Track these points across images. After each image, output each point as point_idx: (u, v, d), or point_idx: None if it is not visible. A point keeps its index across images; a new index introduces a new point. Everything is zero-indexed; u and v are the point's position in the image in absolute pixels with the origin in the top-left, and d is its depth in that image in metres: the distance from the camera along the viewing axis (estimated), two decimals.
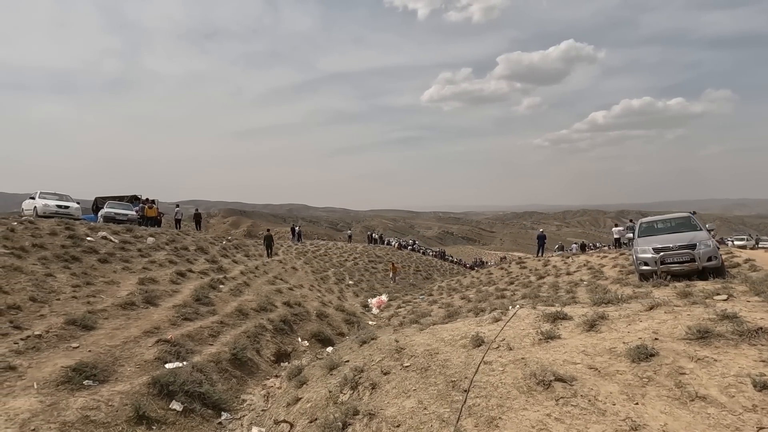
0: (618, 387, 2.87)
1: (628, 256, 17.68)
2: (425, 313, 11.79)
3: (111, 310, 7.36)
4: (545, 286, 13.44)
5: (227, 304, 10.12)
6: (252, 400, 5.93)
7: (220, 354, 6.61)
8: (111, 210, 18.26)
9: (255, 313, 9.88)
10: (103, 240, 12.52)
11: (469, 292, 16.46)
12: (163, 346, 6.19)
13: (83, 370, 4.91)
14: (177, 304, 8.64)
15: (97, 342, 5.97)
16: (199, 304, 9.10)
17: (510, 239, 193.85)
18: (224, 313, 9.05)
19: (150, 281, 10.04)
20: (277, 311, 10.58)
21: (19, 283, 7.31)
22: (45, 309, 6.70)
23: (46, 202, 15.63)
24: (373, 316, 14.15)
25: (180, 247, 15.02)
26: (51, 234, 11.32)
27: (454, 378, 3.58)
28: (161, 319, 7.51)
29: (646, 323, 3.96)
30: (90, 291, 8.12)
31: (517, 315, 5.29)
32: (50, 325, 6.08)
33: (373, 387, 3.85)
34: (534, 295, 11.12)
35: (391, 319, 12.99)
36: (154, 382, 5.00)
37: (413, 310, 13.51)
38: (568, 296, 9.94)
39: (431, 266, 44.98)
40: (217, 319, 8.41)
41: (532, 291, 12.47)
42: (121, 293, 8.57)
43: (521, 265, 22.73)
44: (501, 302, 11.73)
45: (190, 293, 10.01)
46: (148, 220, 20.26)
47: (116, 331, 6.54)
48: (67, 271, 9.03)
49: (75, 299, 7.50)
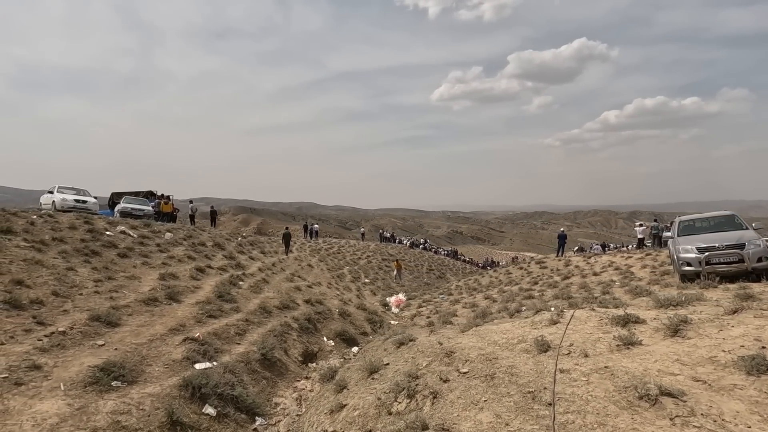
0: (744, 405, 2.46)
1: (656, 257, 17.10)
2: (450, 313, 11.38)
3: (134, 306, 7.07)
4: (574, 287, 12.95)
5: (249, 301, 9.82)
6: (285, 404, 5.58)
7: (248, 354, 6.27)
8: (127, 205, 18.12)
9: (278, 311, 9.56)
10: (122, 235, 12.30)
11: (491, 292, 16.01)
12: (190, 345, 5.86)
13: (111, 369, 4.59)
14: (200, 301, 8.34)
15: (123, 339, 5.67)
16: (222, 301, 8.79)
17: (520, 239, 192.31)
18: (248, 311, 8.73)
19: (171, 277, 9.77)
20: (299, 309, 10.25)
21: (40, 277, 7.05)
22: (68, 304, 6.42)
23: (64, 197, 15.48)
24: (393, 315, 13.78)
25: (197, 243, 14.79)
26: (70, 228, 11.10)
27: (529, 388, 3.18)
28: (186, 316, 7.20)
29: (741, 329, 3.52)
30: (112, 286, 7.84)
31: (576, 317, 4.87)
32: (74, 321, 5.79)
33: (434, 396, 3.46)
34: (566, 296, 10.66)
35: (414, 318, 12.60)
36: (186, 384, 4.66)
37: (436, 309, 13.10)
38: (605, 297, 9.46)
39: (444, 265, 44.52)
40: (242, 316, 8.09)
41: (561, 291, 11.99)
42: (143, 288, 8.28)
43: (541, 265, 22.19)
44: (531, 302, 11.27)
45: (211, 289, 9.72)
46: (164, 216, 20.11)
47: (141, 328, 6.23)
48: (88, 265, 8.78)
49: (97, 294, 7.22)
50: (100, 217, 14.09)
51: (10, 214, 10.78)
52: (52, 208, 14.81)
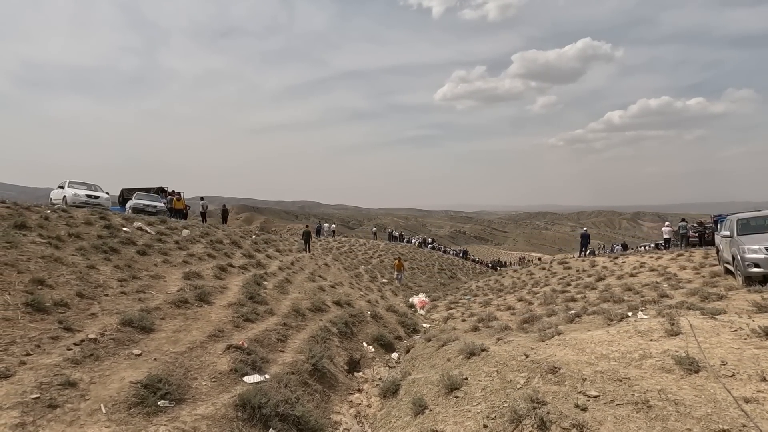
0: None
1: (690, 257, 16.37)
2: (489, 316, 10.67)
3: (165, 309, 6.38)
4: (616, 288, 12.22)
5: (280, 302, 9.14)
6: (345, 423, 4.89)
7: (297, 364, 5.58)
8: (140, 201, 17.47)
9: (311, 313, 8.87)
10: (139, 231, 11.63)
11: (521, 293, 15.30)
12: (235, 354, 5.17)
13: (155, 386, 3.91)
14: (232, 303, 7.66)
15: (160, 348, 4.98)
16: (254, 303, 8.10)
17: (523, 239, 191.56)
18: (282, 313, 8.04)
19: (195, 276, 9.09)
20: (331, 312, 9.56)
21: (62, 276, 6.37)
22: (95, 306, 5.73)
23: (76, 192, 14.83)
24: (423, 318, 13.08)
25: (215, 241, 14.12)
26: (86, 223, 10.43)
27: (718, 425, 2.47)
28: (221, 320, 6.51)
29: None
30: (138, 286, 7.15)
31: (697, 327, 4.16)
32: (104, 327, 5.10)
33: (579, 430, 2.76)
34: (617, 299, 9.94)
35: (448, 321, 11.90)
36: (243, 404, 3.98)
37: (470, 312, 12.39)
38: (671, 301, 8.76)
39: (454, 265, 43.84)
40: (278, 320, 7.40)
41: (604, 294, 11.27)
42: (170, 289, 7.60)
43: (565, 266, 21.50)
44: (571, 305, 10.57)
45: (239, 290, 9.05)
46: (176, 213, 19.47)
47: (177, 334, 5.55)
48: (109, 263, 8.10)
49: (124, 295, 6.54)
50: (114, 213, 13.43)
51: (23, 209, 10.12)
52: (64, 204, 14.15)
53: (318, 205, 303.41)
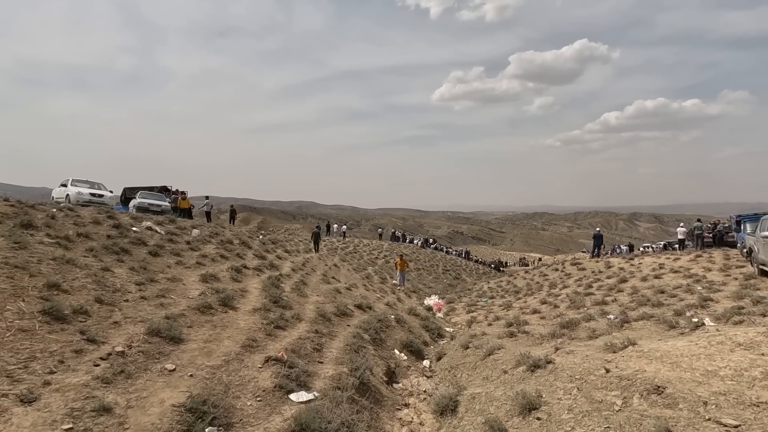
0: None
1: (710, 258, 15.98)
2: (518, 320, 10.18)
3: (190, 315, 5.85)
4: (645, 291, 11.77)
5: (303, 306, 8.62)
6: None
7: (341, 377, 5.06)
8: (144, 200, 16.87)
9: (337, 318, 8.35)
10: (149, 231, 11.07)
11: (540, 295, 14.84)
12: (276, 367, 4.66)
13: (200, 409, 3.39)
14: (257, 307, 7.13)
15: (194, 361, 4.45)
16: (278, 307, 7.58)
17: (521, 240, 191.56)
18: (309, 319, 7.52)
19: (212, 278, 8.55)
20: (356, 316, 9.05)
21: (77, 280, 5.82)
22: (116, 314, 5.19)
23: (80, 190, 14.24)
24: (443, 321, 12.59)
25: (225, 241, 13.57)
26: (94, 223, 9.87)
27: None
28: (251, 327, 5.99)
29: None
30: (157, 290, 6.61)
31: None
32: (130, 337, 4.57)
33: None
34: (654, 303, 9.49)
35: (472, 325, 11.41)
36: (301, 429, 3.46)
37: (495, 316, 11.91)
38: (718, 306, 8.31)
39: (457, 266, 43.42)
40: (308, 327, 6.88)
41: (637, 297, 10.81)
42: (190, 293, 7.07)
43: (579, 267, 21.09)
44: (605, 309, 10.11)
45: (259, 293, 8.53)
46: (181, 212, 18.87)
47: (209, 344, 5.02)
48: (123, 265, 7.55)
49: (144, 300, 6.00)
50: (121, 213, 12.85)
51: (28, 207, 9.54)
52: (67, 203, 13.55)
53: (315, 205, 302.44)
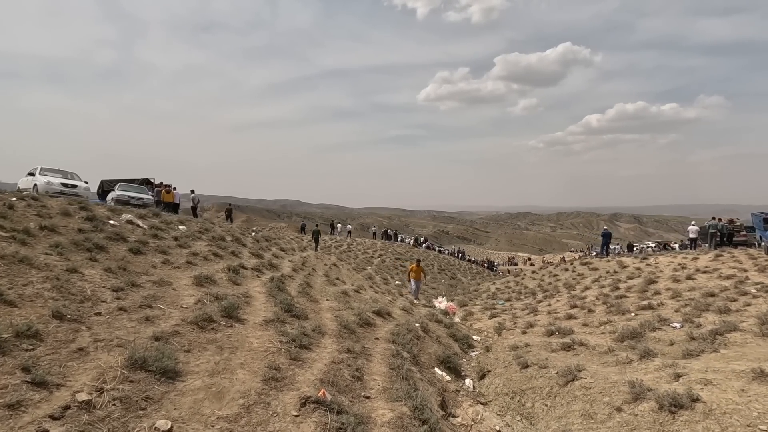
0: None
1: (733, 257, 15.07)
2: (558, 328, 8.91)
3: (186, 332, 4.36)
4: (690, 294, 10.65)
5: (318, 314, 7.18)
6: None
7: (403, 422, 3.65)
8: (124, 193, 15.11)
9: (361, 329, 6.93)
10: (129, 225, 9.45)
11: (562, 298, 13.66)
12: (318, 414, 3.23)
13: None
14: (268, 318, 5.66)
15: (199, 410, 2.99)
16: (293, 317, 6.14)
17: (505, 239, 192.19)
18: (332, 331, 6.09)
19: (208, 281, 7.04)
20: (379, 325, 7.65)
21: (30, 285, 4.27)
22: (82, 335, 3.68)
23: (49, 180, 12.45)
24: (465, 327, 11.25)
25: (217, 237, 11.98)
26: (63, 214, 8.23)
27: None
28: (267, 347, 4.53)
29: None
30: (140, 298, 5.08)
31: None
32: (101, 373, 3.08)
33: None
34: (723, 308, 8.30)
35: (502, 333, 10.09)
36: None
37: (527, 322, 10.61)
38: None
39: (452, 265, 42.29)
40: (335, 344, 5.45)
41: (689, 301, 9.66)
42: (184, 300, 5.55)
43: (590, 266, 20.05)
44: (653, 314, 8.92)
45: (266, 299, 7.06)
46: (166, 206, 17.14)
47: (217, 378, 3.55)
48: (97, 265, 5.99)
49: (124, 313, 4.48)
50: (97, 204, 11.15)
51: None
52: (34, 193, 11.76)
53: (300, 204, 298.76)
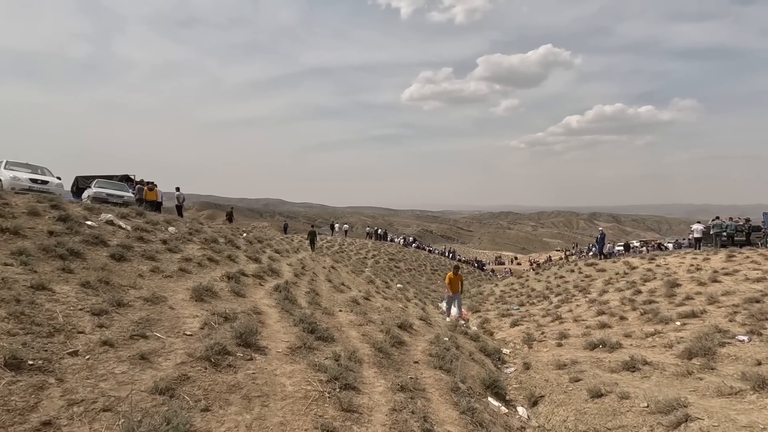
0: None
1: (748, 257, 14.52)
2: (603, 342, 7.99)
3: (197, 376, 3.19)
4: (726, 299, 9.88)
5: (340, 332, 6.07)
6: None
7: None
8: (102, 190, 13.59)
9: (395, 349, 5.84)
10: (110, 226, 8.12)
11: (582, 302, 12.81)
12: None
13: None
14: (293, 345, 4.53)
15: None
16: (319, 341, 5.00)
17: (488, 238, 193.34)
18: (368, 358, 4.99)
19: (209, 294, 5.83)
20: (410, 344, 6.56)
21: None
22: (50, 392, 2.48)
23: (16, 175, 10.94)
24: (488, 338, 10.25)
25: (209, 240, 10.68)
26: (30, 214, 6.87)
27: None
28: (304, 393, 3.39)
29: None
30: (130, 323, 3.87)
31: None
32: None
33: None
34: None
35: (534, 346, 9.12)
36: None
37: (559, 332, 9.66)
38: None
39: (442, 265, 41.43)
40: (382, 376, 4.35)
41: (736, 309, 8.87)
42: (186, 324, 4.35)
43: (596, 267, 19.38)
44: (704, 324, 8.09)
45: (278, 314, 5.91)
46: (148, 205, 15.64)
47: None
48: (71, 277, 4.73)
49: (110, 349, 3.27)
50: (71, 202, 9.73)
51: None
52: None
53: (283, 203, 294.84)
